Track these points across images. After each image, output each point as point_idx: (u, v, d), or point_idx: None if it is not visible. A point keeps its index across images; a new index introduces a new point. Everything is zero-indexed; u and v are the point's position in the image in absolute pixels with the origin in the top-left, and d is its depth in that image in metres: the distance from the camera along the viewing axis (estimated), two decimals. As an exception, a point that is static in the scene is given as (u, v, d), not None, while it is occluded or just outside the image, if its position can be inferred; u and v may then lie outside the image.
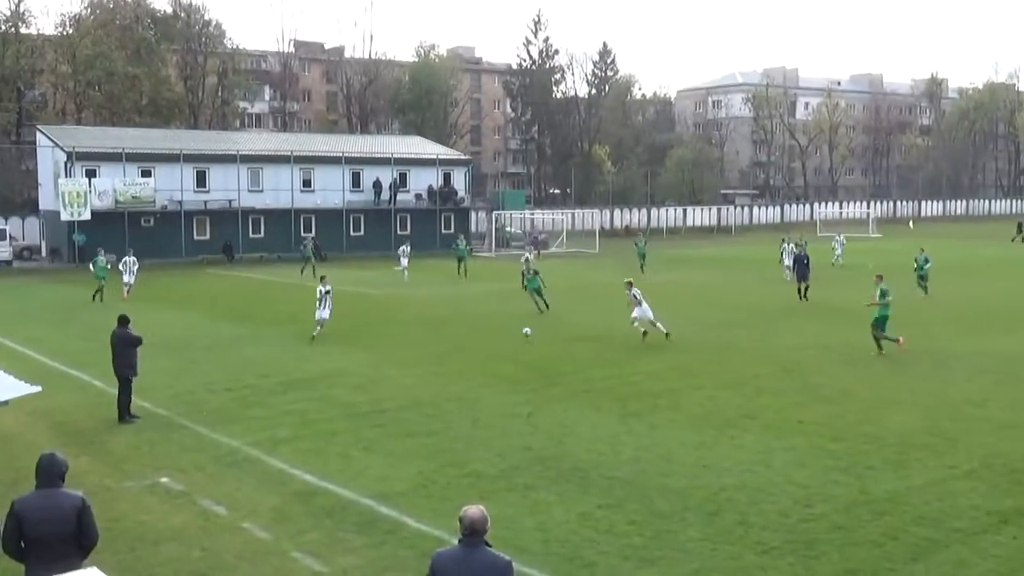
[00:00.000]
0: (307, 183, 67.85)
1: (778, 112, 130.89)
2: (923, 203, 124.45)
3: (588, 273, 38.04)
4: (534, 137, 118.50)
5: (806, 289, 36.56)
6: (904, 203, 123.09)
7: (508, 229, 75.94)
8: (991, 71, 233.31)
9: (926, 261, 38.16)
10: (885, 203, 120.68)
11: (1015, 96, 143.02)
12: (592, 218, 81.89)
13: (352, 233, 68.13)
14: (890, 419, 17.74)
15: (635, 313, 26.50)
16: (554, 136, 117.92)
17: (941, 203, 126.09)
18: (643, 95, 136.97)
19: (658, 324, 26.73)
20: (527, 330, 27.47)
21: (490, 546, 6.96)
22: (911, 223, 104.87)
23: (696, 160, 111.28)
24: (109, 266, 39.98)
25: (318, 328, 27.89)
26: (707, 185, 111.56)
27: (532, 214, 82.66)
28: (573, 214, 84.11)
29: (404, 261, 47.42)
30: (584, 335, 28.60)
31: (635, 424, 17.63)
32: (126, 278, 40.21)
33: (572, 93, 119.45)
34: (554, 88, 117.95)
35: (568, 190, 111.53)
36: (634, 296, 26.62)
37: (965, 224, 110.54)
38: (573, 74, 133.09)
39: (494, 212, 75.44)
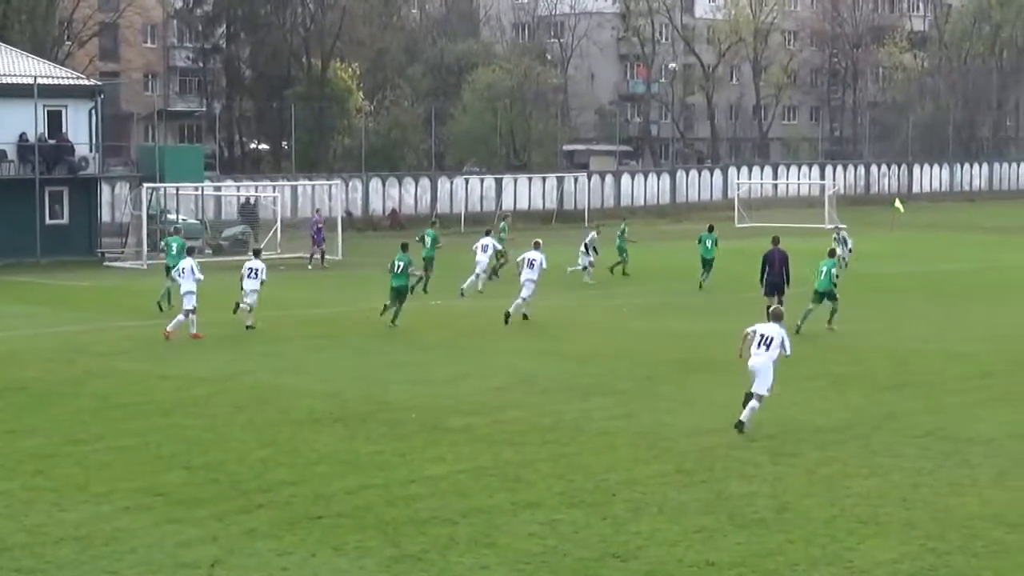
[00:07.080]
0: None
1: (664, 4, 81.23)
2: (914, 168, 79.30)
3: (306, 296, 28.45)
4: (219, 47, 72.12)
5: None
6: (884, 169, 78.28)
7: (172, 217, 45.14)
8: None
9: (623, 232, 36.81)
10: (850, 169, 77.30)
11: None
12: (332, 195, 50.92)
13: None
14: None
15: None
16: (257, 45, 71.56)
17: (947, 168, 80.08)
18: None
19: None
20: None
21: None
22: (898, 203, 55.51)
23: (518, 91, 69.27)
24: None
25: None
26: (539, 137, 70.75)
27: (217, 190, 52.07)
28: (295, 189, 54.10)
29: (582, 260, 34.61)
30: (313, 414, 19.39)
31: None
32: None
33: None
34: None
35: (285, 145, 68.62)
36: None
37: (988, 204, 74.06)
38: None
39: (145, 186, 44.25)
